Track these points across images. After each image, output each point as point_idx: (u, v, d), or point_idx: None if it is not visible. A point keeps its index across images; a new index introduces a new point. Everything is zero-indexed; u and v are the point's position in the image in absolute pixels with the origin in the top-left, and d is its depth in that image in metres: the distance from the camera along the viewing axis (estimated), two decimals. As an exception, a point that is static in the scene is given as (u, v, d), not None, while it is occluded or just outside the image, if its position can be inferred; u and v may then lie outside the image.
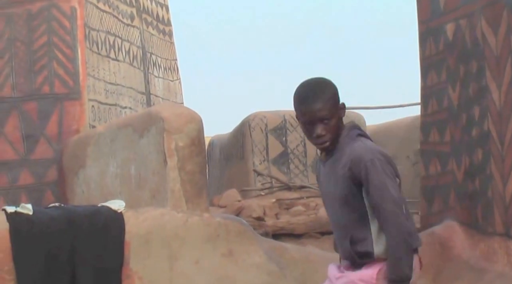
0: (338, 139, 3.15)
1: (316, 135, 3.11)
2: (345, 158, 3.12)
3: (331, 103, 3.13)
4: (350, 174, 3.09)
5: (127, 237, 5.07)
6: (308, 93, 3.14)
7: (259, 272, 5.28)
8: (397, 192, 3.10)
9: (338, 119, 3.16)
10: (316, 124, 3.11)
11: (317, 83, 3.19)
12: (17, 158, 7.44)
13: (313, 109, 3.10)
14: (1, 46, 7.50)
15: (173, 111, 6.00)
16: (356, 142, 3.14)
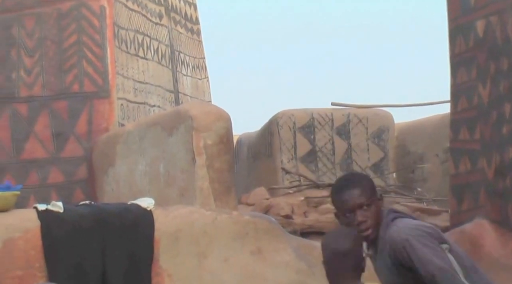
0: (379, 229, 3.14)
1: (357, 222, 3.11)
2: (387, 248, 3.11)
3: (369, 191, 3.19)
4: (399, 262, 3.07)
5: (157, 235, 5.10)
6: (345, 182, 3.25)
7: (287, 270, 5.28)
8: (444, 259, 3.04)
9: (378, 208, 3.16)
10: (356, 211, 3.13)
11: (353, 174, 3.32)
12: (47, 156, 7.49)
13: (352, 195, 3.15)
14: (31, 45, 7.56)
15: (202, 109, 6.02)
16: (391, 228, 3.13)
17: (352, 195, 3.13)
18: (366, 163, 8.55)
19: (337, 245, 3.48)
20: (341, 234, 3.54)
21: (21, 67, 7.54)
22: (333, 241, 3.52)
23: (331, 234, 3.64)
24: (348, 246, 3.46)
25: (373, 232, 3.13)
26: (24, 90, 7.52)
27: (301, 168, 8.37)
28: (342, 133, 8.57)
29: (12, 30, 7.56)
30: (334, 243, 3.51)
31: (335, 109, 8.79)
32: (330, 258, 3.51)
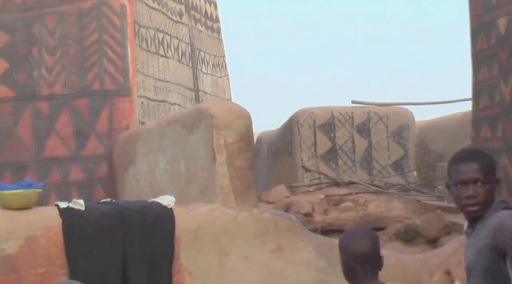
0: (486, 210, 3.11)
1: (467, 195, 3.07)
2: (487, 228, 3.05)
3: (489, 169, 3.12)
4: (493, 244, 3.01)
5: (177, 233, 5.10)
6: (468, 154, 3.17)
7: (308, 268, 5.27)
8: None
9: (491, 190, 3.12)
10: (470, 184, 3.09)
11: (477, 150, 3.25)
12: (68, 154, 7.52)
13: (469, 168, 3.08)
14: (52, 44, 7.59)
15: (222, 107, 6.02)
16: (500, 212, 3.06)
17: (470, 167, 3.06)
18: (387, 161, 8.53)
19: (357, 247, 3.52)
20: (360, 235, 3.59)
21: (43, 65, 7.57)
22: (353, 242, 3.56)
23: (350, 234, 3.67)
24: (368, 248, 3.51)
25: (479, 210, 3.06)
26: (46, 88, 7.55)
27: (321, 166, 8.36)
28: (363, 131, 8.55)
29: (34, 28, 7.60)
30: (354, 244, 3.54)
31: (355, 107, 8.77)
32: (349, 259, 3.55)
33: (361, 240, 3.54)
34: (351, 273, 3.57)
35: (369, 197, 7.60)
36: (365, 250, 3.51)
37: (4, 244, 4.76)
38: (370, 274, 3.54)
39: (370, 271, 3.53)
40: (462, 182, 3.08)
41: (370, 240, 3.55)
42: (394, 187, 8.10)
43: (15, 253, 4.77)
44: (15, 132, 7.51)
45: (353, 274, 3.56)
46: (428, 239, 6.68)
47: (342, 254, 3.60)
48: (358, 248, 3.51)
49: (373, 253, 3.54)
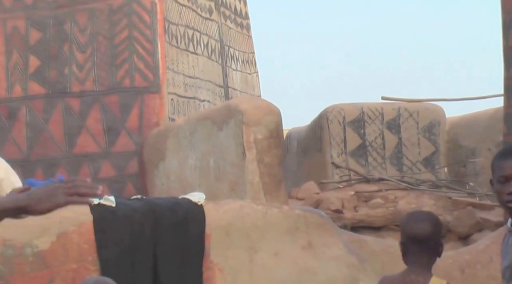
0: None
1: (509, 192, 3.03)
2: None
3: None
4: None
5: (208, 229, 5.11)
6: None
7: (338, 264, 5.26)
8: None
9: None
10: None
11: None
12: (99, 150, 7.56)
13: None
14: (83, 41, 7.63)
15: (252, 104, 6.02)
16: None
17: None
18: (417, 158, 8.48)
19: (417, 229, 3.50)
20: (422, 218, 3.59)
21: (74, 62, 7.62)
22: (413, 224, 3.54)
23: (413, 216, 3.69)
24: (427, 231, 3.50)
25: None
26: (76, 85, 7.60)
27: (351, 162, 8.33)
28: (393, 127, 8.50)
29: (65, 26, 7.65)
30: (414, 226, 3.52)
31: (385, 103, 8.72)
32: (408, 240, 3.53)
33: (421, 222, 3.53)
34: (407, 255, 3.56)
35: (399, 194, 7.56)
36: (423, 232, 3.49)
37: (37, 240, 4.80)
38: (426, 259, 3.53)
39: (426, 256, 3.53)
40: (505, 178, 3.03)
41: (431, 224, 3.54)
42: (425, 183, 8.05)
43: (47, 249, 4.81)
44: (47, 129, 7.57)
45: (409, 256, 3.55)
46: (459, 235, 6.63)
47: (401, 234, 3.59)
48: (417, 230, 3.49)
49: (431, 237, 3.53)
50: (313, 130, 8.74)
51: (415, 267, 3.55)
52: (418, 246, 3.51)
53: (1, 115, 7.59)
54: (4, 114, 7.58)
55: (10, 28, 7.67)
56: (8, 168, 5.44)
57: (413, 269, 3.56)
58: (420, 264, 3.54)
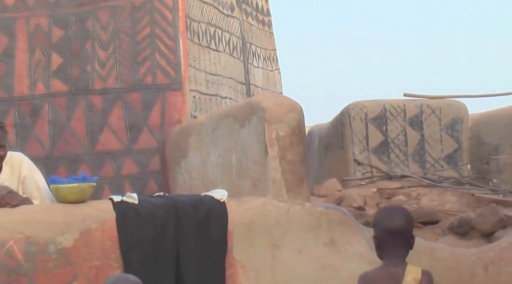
0: None
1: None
2: None
3: None
4: None
5: (230, 226, 5.12)
6: None
7: (361, 261, 5.25)
8: None
9: None
10: None
11: None
12: (121, 148, 7.58)
13: None
14: (105, 38, 7.65)
15: (274, 101, 6.02)
16: None
17: None
18: (440, 154, 8.44)
19: (390, 222, 3.79)
20: (394, 212, 3.88)
21: (96, 59, 7.64)
22: (386, 218, 3.84)
23: (384, 210, 3.99)
24: (400, 224, 3.79)
25: None
26: (99, 83, 7.63)
27: (373, 159, 8.31)
28: (415, 124, 8.47)
29: (87, 23, 7.68)
30: (387, 220, 3.83)
31: (407, 100, 8.69)
32: (382, 234, 3.83)
33: (395, 216, 3.81)
34: (381, 248, 3.86)
35: (422, 191, 7.54)
36: (397, 226, 3.77)
37: (60, 237, 4.82)
38: (400, 251, 3.81)
39: (400, 247, 3.80)
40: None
41: (404, 218, 3.81)
42: (448, 180, 8.02)
43: (70, 246, 4.82)
44: (69, 126, 7.60)
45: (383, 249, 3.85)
46: (482, 233, 6.60)
47: (375, 229, 3.87)
48: (391, 224, 3.78)
49: (405, 230, 3.79)
50: (335, 127, 8.72)
51: (392, 259, 3.84)
52: (394, 238, 3.78)
53: (24, 113, 7.63)
54: (27, 111, 7.62)
55: (33, 25, 7.71)
56: (32, 166, 5.48)
57: (390, 261, 3.85)
58: (397, 255, 3.82)
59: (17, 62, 7.66)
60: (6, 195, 4.95)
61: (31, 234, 4.79)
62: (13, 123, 7.52)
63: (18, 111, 7.62)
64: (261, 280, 5.13)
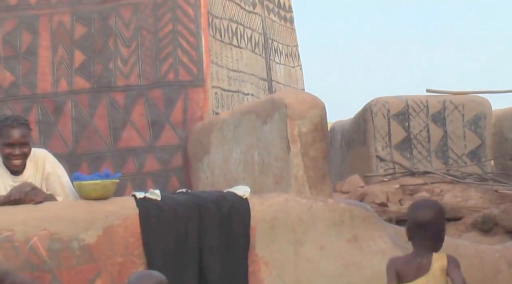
0: None
1: None
2: None
3: None
4: None
5: (253, 223, 5.12)
6: None
7: (384, 258, 5.22)
8: None
9: None
10: None
11: None
12: (143, 144, 7.59)
13: None
14: (128, 35, 7.67)
15: (296, 97, 6.00)
16: None
17: None
18: (463, 151, 8.39)
19: (419, 215, 4.03)
20: (424, 206, 4.11)
21: (118, 57, 7.66)
22: (416, 211, 4.09)
23: (416, 204, 4.22)
24: (428, 218, 4.00)
25: None
26: (121, 80, 7.64)
27: (395, 155, 8.27)
28: (438, 120, 8.42)
29: (110, 20, 7.69)
30: (417, 213, 4.07)
31: (430, 96, 8.64)
32: (411, 226, 4.08)
33: (424, 210, 4.04)
34: (412, 239, 4.09)
35: (445, 187, 7.50)
36: (425, 219, 4.00)
37: (84, 234, 4.83)
38: (428, 243, 4.02)
39: (428, 240, 4.02)
40: None
41: (432, 211, 4.03)
42: (471, 176, 7.97)
43: (93, 243, 4.84)
44: (92, 123, 7.63)
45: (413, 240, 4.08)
46: (506, 229, 6.56)
47: (407, 220, 4.11)
48: (419, 217, 4.02)
49: (433, 224, 4.01)
50: (357, 123, 8.69)
51: (420, 250, 4.04)
52: (422, 231, 4.01)
53: (47, 110, 7.66)
54: (50, 108, 7.66)
55: (56, 23, 7.74)
56: (55, 162, 5.50)
57: (418, 252, 4.05)
58: (425, 247, 4.02)
59: (40, 59, 7.69)
60: (30, 191, 4.98)
61: (54, 231, 4.81)
62: (36, 120, 7.55)
63: (41, 108, 7.65)
64: (283, 277, 5.12)
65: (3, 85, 7.66)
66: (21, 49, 7.70)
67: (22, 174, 5.32)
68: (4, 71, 7.67)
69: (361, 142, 8.58)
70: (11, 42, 7.70)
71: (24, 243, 4.73)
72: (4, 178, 5.30)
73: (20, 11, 7.73)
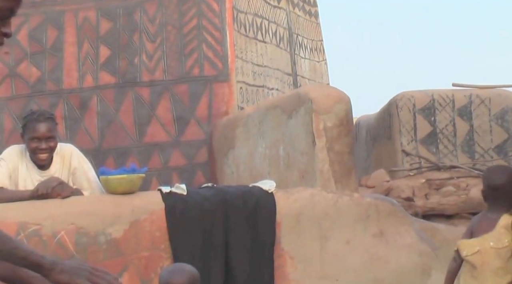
0: None
1: None
2: None
3: None
4: None
5: (278, 217, 5.11)
6: None
7: (410, 252, 5.21)
8: None
9: None
10: None
11: None
12: (168, 139, 7.61)
13: None
14: (153, 30, 7.68)
15: (322, 92, 5.99)
16: None
17: None
18: (489, 145, 8.33)
19: (491, 179, 4.36)
20: (498, 170, 4.48)
21: (143, 52, 7.67)
22: (489, 175, 4.43)
23: (490, 168, 4.67)
24: (500, 182, 4.32)
25: None
26: (146, 75, 7.66)
27: (421, 150, 8.21)
28: (464, 114, 8.36)
29: (135, 15, 7.71)
30: (490, 177, 4.40)
31: (456, 90, 8.58)
32: (485, 189, 4.41)
33: (496, 174, 4.39)
34: (486, 201, 4.42)
35: (471, 182, 7.44)
36: (497, 183, 4.32)
37: (110, 228, 4.85)
38: (499, 204, 4.31)
39: (500, 201, 4.31)
40: None
41: (505, 176, 4.34)
42: (497, 171, 7.90)
43: (120, 237, 4.86)
44: (117, 118, 7.65)
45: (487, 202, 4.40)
46: (532, 224, 6.50)
47: (482, 183, 4.46)
48: (492, 181, 4.35)
49: (506, 187, 4.31)
50: (383, 118, 8.65)
51: (492, 209, 4.35)
52: (494, 193, 4.32)
53: (73, 105, 7.69)
54: (76, 104, 7.69)
55: (81, 18, 7.76)
56: (81, 157, 5.53)
57: (490, 211, 4.37)
58: (496, 207, 4.32)
59: (66, 55, 7.72)
60: (57, 186, 5.00)
61: (81, 225, 4.83)
62: (62, 116, 7.58)
63: (67, 103, 7.69)
64: (309, 271, 5.11)
65: (29, 81, 7.71)
66: (47, 44, 7.74)
67: (49, 169, 5.35)
68: (30, 66, 7.71)
69: (386, 136, 8.54)
70: (37, 38, 7.74)
71: (51, 237, 4.76)
72: (31, 173, 5.33)
73: (46, 7, 7.77)
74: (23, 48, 7.72)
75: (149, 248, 4.89)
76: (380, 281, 5.13)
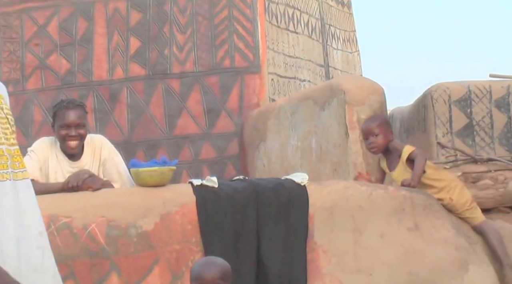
0: None
1: None
2: None
3: None
4: None
5: (311, 211, 5.02)
6: None
7: (447, 247, 5.10)
8: None
9: None
10: None
11: None
12: (199, 132, 7.55)
13: None
14: (183, 21, 7.62)
15: (355, 83, 5.89)
16: None
17: None
18: (528, 137, 8.17)
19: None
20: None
21: (174, 43, 7.61)
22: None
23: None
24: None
25: None
26: (177, 66, 7.60)
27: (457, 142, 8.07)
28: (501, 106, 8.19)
29: (165, 6, 7.65)
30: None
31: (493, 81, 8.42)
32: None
33: None
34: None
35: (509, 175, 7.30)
36: None
37: (141, 221, 4.79)
38: None
39: None
40: None
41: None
42: (535, 164, 7.76)
43: (151, 230, 4.79)
44: (147, 110, 7.60)
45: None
46: None
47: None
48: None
49: None
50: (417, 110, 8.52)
51: None
52: None
53: (103, 97, 7.66)
54: (106, 96, 7.65)
55: (111, 9, 7.72)
56: (112, 149, 5.47)
57: None
58: None
59: (96, 46, 7.68)
60: (88, 178, 4.95)
61: (112, 218, 4.77)
62: (92, 108, 7.55)
63: (97, 95, 7.65)
64: (343, 265, 5.02)
65: (59, 73, 7.68)
66: (77, 36, 7.70)
67: (80, 160, 5.31)
68: (60, 58, 7.68)
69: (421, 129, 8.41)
70: (67, 29, 7.70)
71: (82, 230, 4.70)
72: (62, 164, 5.29)
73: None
74: (53, 39, 7.69)
75: (180, 241, 4.82)
76: (415, 275, 5.02)
